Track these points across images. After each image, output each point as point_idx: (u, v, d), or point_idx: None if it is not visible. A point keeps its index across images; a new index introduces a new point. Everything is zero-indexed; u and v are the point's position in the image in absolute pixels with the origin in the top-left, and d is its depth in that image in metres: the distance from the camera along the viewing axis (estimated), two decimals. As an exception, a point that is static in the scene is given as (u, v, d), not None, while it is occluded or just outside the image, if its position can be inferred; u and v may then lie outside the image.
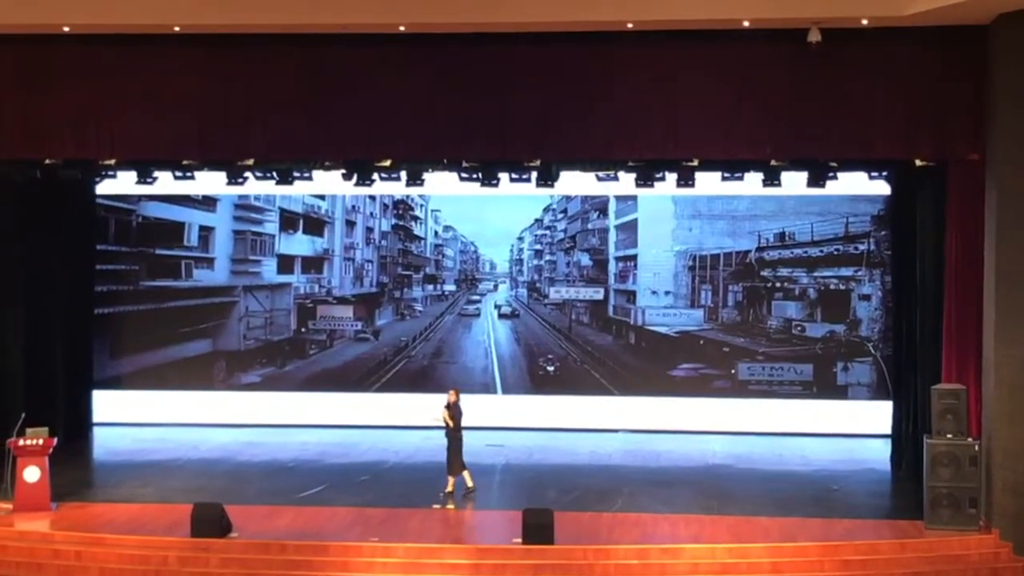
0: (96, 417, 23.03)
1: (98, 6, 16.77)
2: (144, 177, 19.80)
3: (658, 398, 22.94)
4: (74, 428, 21.55)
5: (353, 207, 24.04)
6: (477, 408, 21.77)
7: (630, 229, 23.44)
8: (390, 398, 23.00)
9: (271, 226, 23.86)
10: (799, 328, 22.89)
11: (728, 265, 23.08)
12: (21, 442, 16.86)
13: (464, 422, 18.03)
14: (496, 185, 18.99)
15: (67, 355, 21.78)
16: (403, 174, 19.16)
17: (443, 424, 17.84)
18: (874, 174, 19.26)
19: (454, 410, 17.80)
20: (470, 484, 17.79)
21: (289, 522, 16.41)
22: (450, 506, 17.22)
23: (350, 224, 24.07)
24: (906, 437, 19.33)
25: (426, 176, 19.38)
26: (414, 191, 22.39)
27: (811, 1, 16.00)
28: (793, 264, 22.89)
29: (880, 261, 22.30)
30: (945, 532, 15.79)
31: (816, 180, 18.51)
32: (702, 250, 23.11)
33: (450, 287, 24.41)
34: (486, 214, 23.67)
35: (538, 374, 23.57)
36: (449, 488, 17.58)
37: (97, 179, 21.56)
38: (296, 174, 19.27)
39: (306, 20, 16.76)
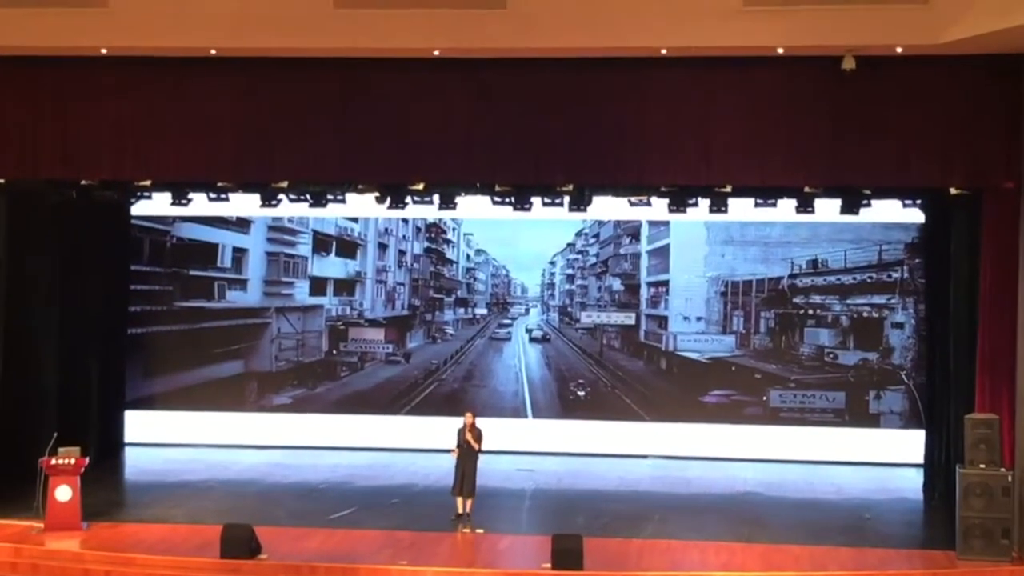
0: (128, 437, 23.16)
1: (136, 30, 16.91)
2: (178, 199, 19.86)
3: (689, 424, 22.87)
4: (106, 448, 21.68)
5: (386, 230, 24.12)
6: (507, 432, 21.89)
7: (662, 254, 23.42)
8: (420, 421, 22.97)
9: (304, 248, 23.97)
10: (831, 355, 22.80)
11: (760, 291, 23.03)
12: (53, 461, 16.93)
13: (495, 446, 17.92)
14: (529, 209, 19.00)
15: (100, 375, 21.90)
16: (436, 197, 19.18)
17: (461, 448, 17.60)
18: (908, 202, 19.18)
19: (476, 432, 17.65)
20: (460, 511, 17.68)
21: (319, 544, 16.41)
22: (479, 530, 17.17)
23: (382, 247, 24.15)
24: (939, 466, 19.20)
25: (459, 199, 19.38)
26: (447, 214, 22.44)
27: (845, 30, 15.98)
28: (826, 291, 22.81)
29: (913, 289, 22.21)
30: (978, 563, 15.64)
31: (850, 207, 18.44)
32: (734, 276, 23.07)
33: (481, 311, 24.44)
34: (518, 238, 23.70)
35: (568, 399, 23.55)
36: (468, 510, 17.54)
37: (132, 200, 21.72)
38: (329, 197, 19.36)
39: (342, 44, 16.84)
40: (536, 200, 18.90)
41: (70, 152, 17.87)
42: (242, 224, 23.82)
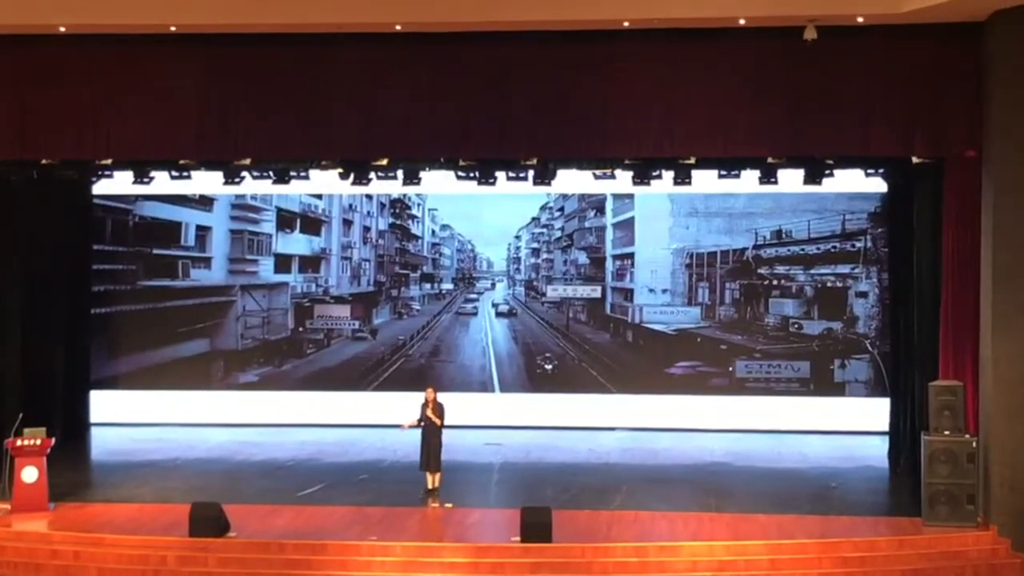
0: (94, 417, 23.02)
1: (94, 6, 16.75)
2: (140, 177, 19.73)
3: (656, 396, 22.96)
4: (72, 428, 21.55)
5: (350, 206, 24.04)
6: (475, 407, 21.90)
7: (627, 227, 23.45)
8: (388, 397, 22.92)
9: (268, 225, 23.85)
10: (796, 325, 22.91)
11: (725, 263, 23.10)
12: (19, 442, 16.82)
13: (463, 421, 17.92)
14: (493, 184, 18.99)
15: (65, 355, 21.78)
16: (400, 173, 19.11)
17: (423, 423, 17.64)
18: (870, 171, 19.28)
19: (437, 407, 17.68)
20: (430, 486, 17.73)
21: (287, 521, 16.39)
22: (448, 504, 17.20)
23: (347, 223, 24.07)
24: (904, 434, 19.33)
25: (423, 175, 19.33)
26: (411, 190, 22.38)
27: (807, -1, 16.06)
28: (790, 262, 22.91)
29: (877, 258, 22.33)
30: (943, 529, 15.79)
31: (813, 177, 18.53)
32: (699, 248, 23.13)
33: (447, 286, 24.42)
34: (483, 213, 23.69)
35: (536, 372, 23.57)
36: (436, 484, 17.60)
37: (94, 179, 21.56)
38: (293, 173, 19.26)
39: (302, 20, 16.76)
40: (500, 174, 18.91)
41: (30, 132, 17.75)
42: (205, 202, 23.69)
